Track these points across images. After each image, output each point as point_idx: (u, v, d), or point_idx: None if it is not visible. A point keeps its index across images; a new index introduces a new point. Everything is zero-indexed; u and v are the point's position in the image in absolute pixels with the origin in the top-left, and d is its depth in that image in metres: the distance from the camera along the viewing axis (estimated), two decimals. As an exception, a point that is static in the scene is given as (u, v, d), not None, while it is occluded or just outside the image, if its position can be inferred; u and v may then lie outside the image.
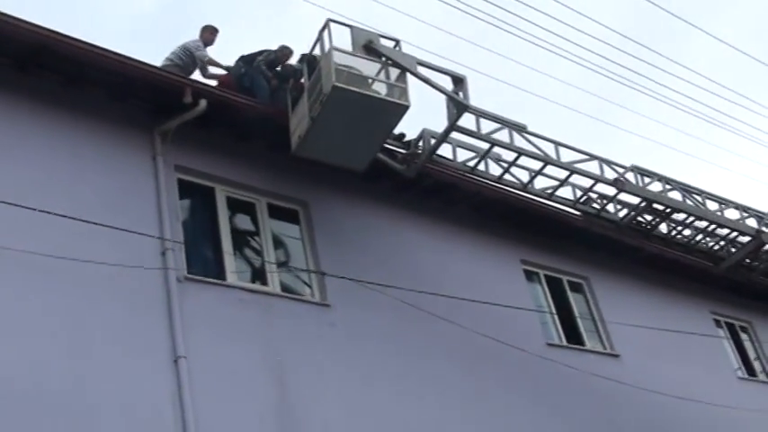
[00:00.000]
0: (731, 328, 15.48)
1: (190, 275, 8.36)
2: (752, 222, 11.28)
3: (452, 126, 9.07)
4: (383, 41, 8.92)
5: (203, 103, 8.82)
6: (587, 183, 10.32)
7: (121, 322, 7.66)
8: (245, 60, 10.52)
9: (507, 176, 9.86)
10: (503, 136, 9.54)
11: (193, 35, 10.89)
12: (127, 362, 7.46)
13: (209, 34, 10.80)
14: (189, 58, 10.38)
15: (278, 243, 9.66)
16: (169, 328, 7.89)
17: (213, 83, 10.55)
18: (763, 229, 11.19)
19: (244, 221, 9.59)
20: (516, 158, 9.66)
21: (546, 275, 12.61)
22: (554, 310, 12.29)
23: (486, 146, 9.62)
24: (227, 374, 8.05)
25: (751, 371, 15.09)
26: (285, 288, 9.29)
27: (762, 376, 15.37)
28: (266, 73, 10.06)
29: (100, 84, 8.58)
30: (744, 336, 15.55)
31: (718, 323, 15.19)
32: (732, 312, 15.65)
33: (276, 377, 8.40)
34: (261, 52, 10.68)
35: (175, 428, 7.36)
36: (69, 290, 7.49)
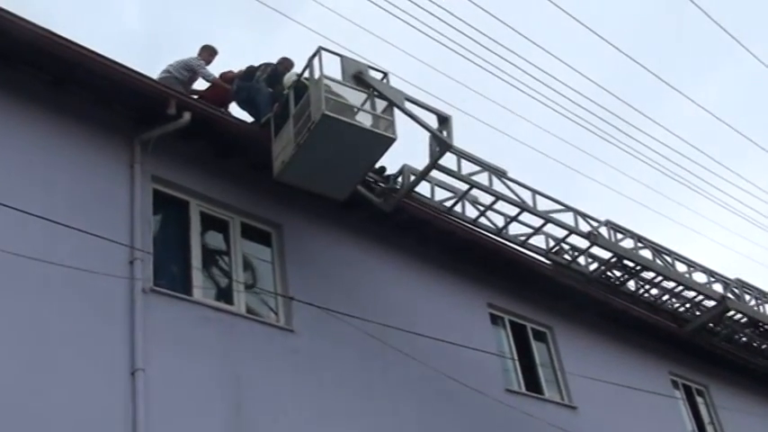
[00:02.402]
0: (688, 390, 15.57)
1: (156, 287, 8.26)
2: (718, 288, 11.41)
3: (434, 164, 9.11)
4: (372, 73, 8.96)
5: (187, 115, 8.78)
6: (561, 233, 10.39)
7: (82, 329, 7.54)
8: (243, 77, 10.53)
9: (483, 219, 9.89)
10: (482, 179, 9.59)
11: (180, 54, 10.92)
12: (84, 371, 7.33)
13: (207, 54, 10.82)
14: (189, 74, 10.35)
15: (247, 264, 9.59)
16: (130, 338, 7.78)
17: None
18: (728, 295, 11.32)
19: (215, 238, 9.51)
20: (494, 202, 9.72)
21: (511, 321, 12.64)
22: (516, 357, 12.29)
23: (464, 187, 9.66)
24: (183, 391, 7.93)
25: (704, 435, 15.18)
26: (250, 310, 9.21)
27: (714, 442, 15.45)
28: (265, 89, 10.07)
29: (85, 86, 8.51)
30: (699, 399, 15.64)
31: (675, 384, 15.27)
32: (690, 374, 15.74)
33: (233, 398, 8.29)
34: (259, 67, 10.68)
35: (125, 442, 7.23)
36: (33, 291, 7.37)
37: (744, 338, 12.16)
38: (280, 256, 9.79)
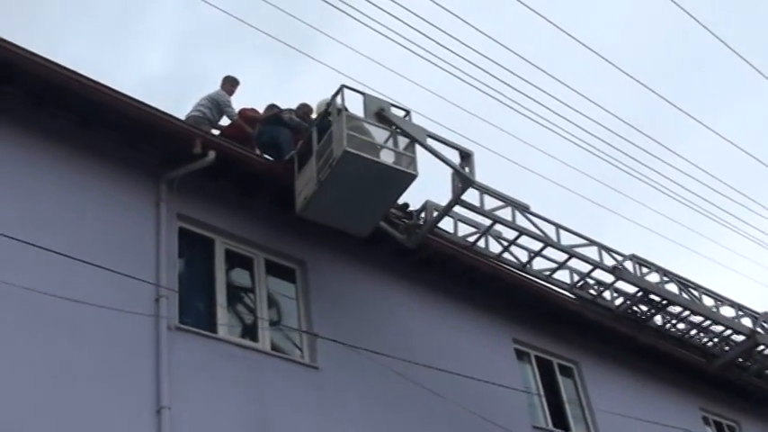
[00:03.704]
0: (719, 426, 15.31)
1: (181, 325, 8.31)
2: (747, 322, 11.27)
3: (456, 200, 9.13)
4: (394, 110, 9.04)
5: (212, 154, 8.89)
6: (585, 267, 10.34)
7: (108, 367, 7.58)
8: (265, 122, 10.69)
9: (506, 255, 9.87)
10: (505, 214, 9.61)
11: (201, 93, 11.01)
12: (110, 408, 7.37)
13: (230, 86, 10.94)
14: (217, 113, 10.50)
15: (272, 301, 9.63)
16: (155, 376, 7.80)
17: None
18: (758, 329, 11.18)
19: (240, 276, 9.56)
20: (517, 237, 9.71)
21: (536, 356, 12.54)
22: (542, 393, 12.17)
23: (487, 222, 9.67)
24: (209, 429, 7.93)
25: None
26: (275, 347, 9.22)
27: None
28: (286, 131, 10.20)
29: (112, 127, 8.66)
30: (731, 436, 15.39)
31: (706, 420, 15.02)
32: (721, 410, 15.47)
33: (258, 436, 8.28)
34: (282, 110, 10.84)
35: (151, 481, 7.23)
36: (59, 328, 7.44)
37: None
38: (304, 292, 9.82)
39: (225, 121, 11.24)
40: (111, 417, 7.33)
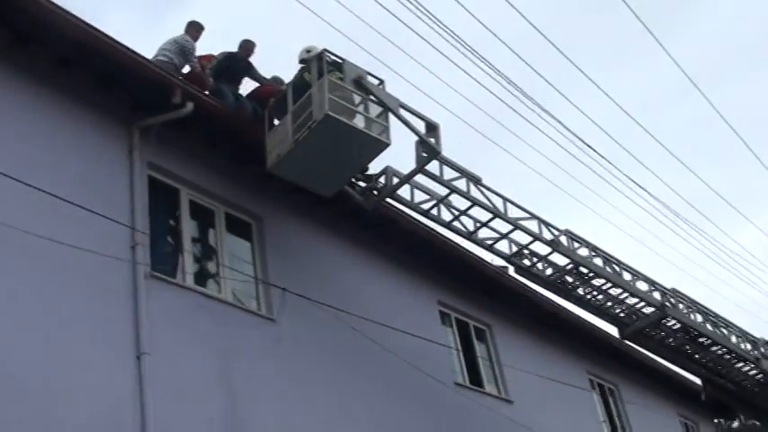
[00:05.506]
0: (601, 387, 16.84)
1: (154, 273, 8.42)
2: (657, 296, 12.45)
3: (420, 169, 9.61)
4: (370, 79, 9.37)
5: (190, 105, 8.93)
6: (523, 239, 11.10)
7: (89, 310, 7.67)
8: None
9: (456, 223, 10.47)
10: (459, 184, 10.16)
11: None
12: (93, 351, 7.46)
13: (194, 32, 10.73)
14: (183, 59, 10.36)
15: (232, 252, 9.82)
16: (134, 323, 7.93)
17: None
18: (666, 303, 12.38)
19: (202, 227, 9.71)
20: (469, 207, 10.30)
21: (456, 318, 13.34)
22: (461, 352, 13.03)
23: (443, 191, 10.20)
24: (182, 375, 8.15)
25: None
26: (236, 298, 9.46)
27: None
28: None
29: (92, 68, 8.54)
30: (610, 397, 16.98)
31: (591, 382, 16.50)
32: (604, 374, 17.01)
33: (225, 384, 8.57)
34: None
35: (133, 425, 7.41)
36: (43, 269, 7.43)
37: (674, 343, 13.30)
38: (260, 247, 10.06)
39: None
40: (95, 362, 7.43)
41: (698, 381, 15.91)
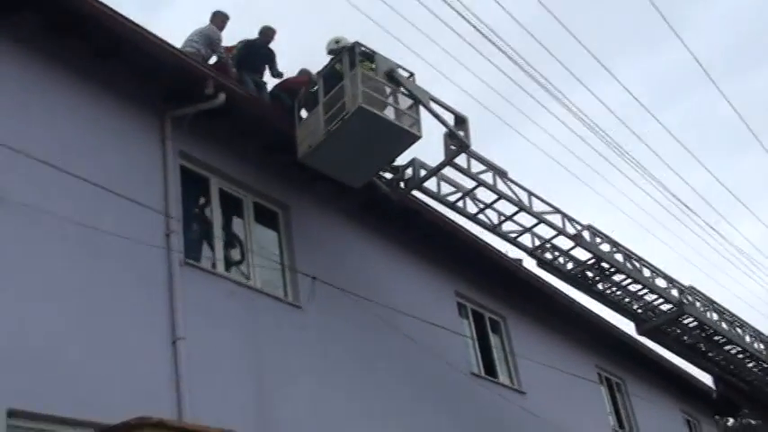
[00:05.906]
0: (609, 381, 17.05)
1: (188, 260, 8.55)
2: (674, 293, 12.60)
3: (449, 161, 9.72)
4: (401, 71, 9.47)
5: (222, 96, 9.04)
6: (546, 233, 11.24)
7: (127, 296, 7.79)
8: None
9: (480, 216, 10.59)
10: (486, 178, 10.27)
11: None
12: (131, 336, 7.60)
13: (220, 21, 10.84)
14: (209, 50, 10.46)
15: (258, 241, 9.95)
16: (170, 309, 8.06)
17: None
18: (684, 300, 12.53)
19: (231, 215, 9.83)
20: (495, 201, 10.42)
21: (472, 309, 13.50)
22: (476, 342, 13.20)
23: (468, 183, 10.33)
24: (215, 360, 8.30)
25: (621, 425, 16.71)
26: (264, 285, 9.60)
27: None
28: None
29: (127, 61, 8.63)
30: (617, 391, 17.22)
31: (600, 376, 16.71)
32: (611, 369, 17.23)
33: (255, 368, 8.73)
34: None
35: (171, 408, 7.54)
36: (81, 255, 7.55)
37: (689, 341, 13.47)
38: (287, 235, 10.20)
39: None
40: (133, 346, 7.56)
41: (708, 379, 16.15)
